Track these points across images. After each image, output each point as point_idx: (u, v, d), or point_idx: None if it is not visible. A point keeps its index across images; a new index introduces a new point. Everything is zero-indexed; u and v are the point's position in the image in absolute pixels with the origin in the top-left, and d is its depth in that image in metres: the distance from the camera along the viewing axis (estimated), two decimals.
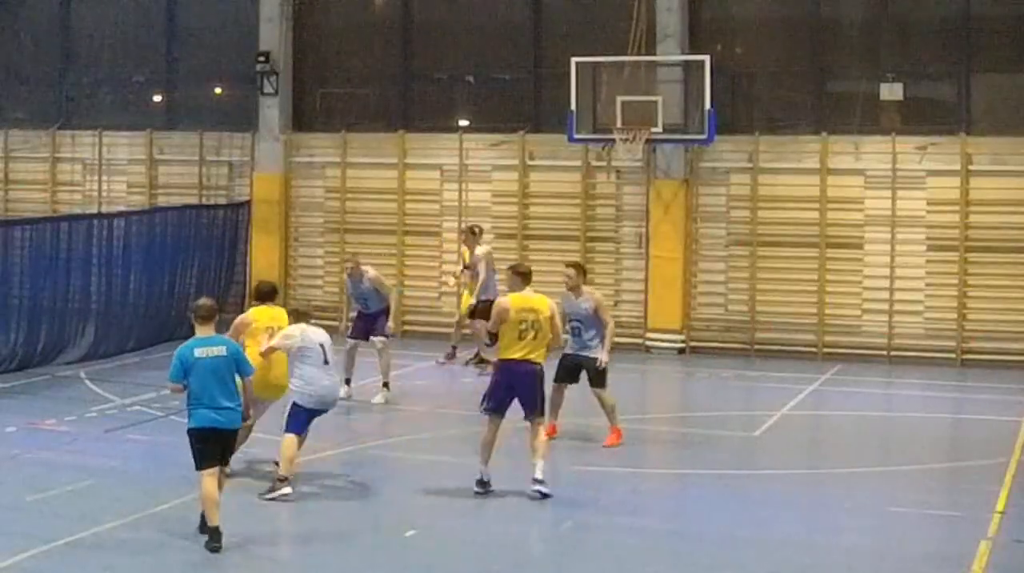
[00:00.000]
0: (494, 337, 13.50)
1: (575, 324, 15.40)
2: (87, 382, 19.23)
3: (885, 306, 21.91)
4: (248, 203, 25.01)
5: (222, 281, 24.54)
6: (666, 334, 22.54)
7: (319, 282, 24.46)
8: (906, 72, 22.31)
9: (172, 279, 23.33)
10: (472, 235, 20.86)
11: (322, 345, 13.60)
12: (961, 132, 21.64)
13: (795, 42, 23.00)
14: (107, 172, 26.44)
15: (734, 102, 22.85)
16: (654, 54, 22.44)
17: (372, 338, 18.05)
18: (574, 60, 21.90)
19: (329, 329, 24.09)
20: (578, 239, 23.19)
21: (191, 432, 11.76)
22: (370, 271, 18.17)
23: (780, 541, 12.27)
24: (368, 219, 24.52)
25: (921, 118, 22.46)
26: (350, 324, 18.61)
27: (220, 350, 11.72)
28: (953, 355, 21.45)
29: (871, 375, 20.87)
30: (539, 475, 13.17)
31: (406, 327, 23.99)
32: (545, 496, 13.11)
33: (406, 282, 24.19)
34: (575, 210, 23.31)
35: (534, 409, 13.39)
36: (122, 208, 24.76)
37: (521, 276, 13.62)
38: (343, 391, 17.54)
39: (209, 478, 11.65)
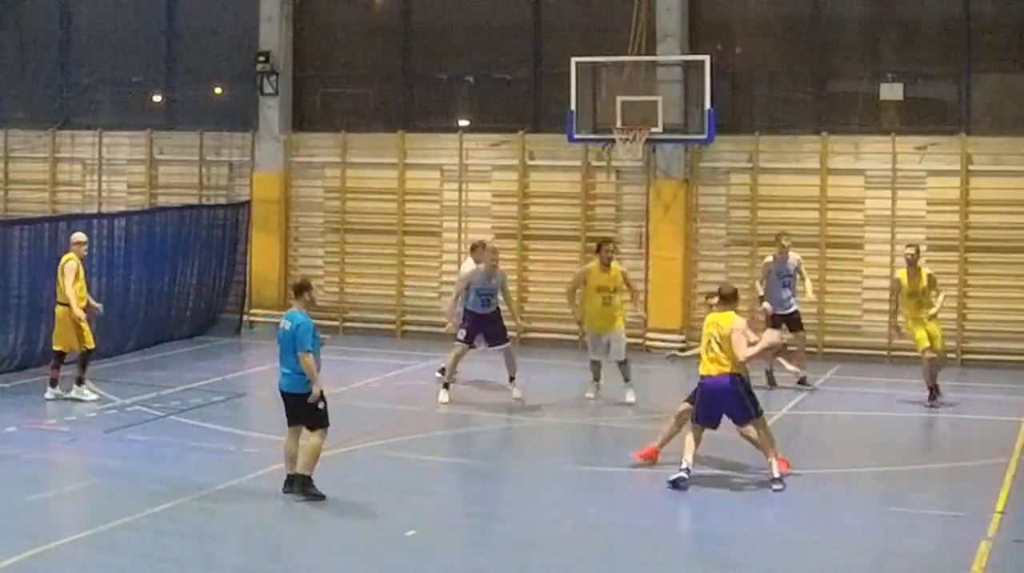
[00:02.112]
0: None
1: None
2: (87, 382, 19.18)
3: (885, 306, 21.88)
4: (248, 203, 24.99)
5: (222, 281, 24.53)
6: (666, 334, 22.53)
7: (319, 282, 24.41)
8: (906, 72, 22.31)
9: (172, 279, 23.33)
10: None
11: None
12: (961, 132, 21.64)
13: (795, 42, 23.00)
14: (107, 172, 26.44)
15: (734, 102, 22.85)
16: (654, 54, 22.45)
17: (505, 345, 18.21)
18: (574, 60, 21.90)
19: (327, 330, 24.30)
20: (578, 239, 23.19)
21: None
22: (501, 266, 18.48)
23: (780, 541, 12.27)
24: (368, 219, 24.52)
25: (921, 118, 22.46)
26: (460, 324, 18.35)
27: (287, 325, 13.29)
28: (953, 355, 21.42)
29: (871, 375, 20.87)
30: (776, 473, 13.81)
31: (405, 327, 24.01)
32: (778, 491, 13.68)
33: (406, 282, 24.21)
34: (575, 210, 23.30)
35: (741, 420, 14.07)
36: (122, 208, 24.77)
37: (722, 298, 14.35)
38: (444, 396, 17.98)
39: (291, 433, 13.43)
